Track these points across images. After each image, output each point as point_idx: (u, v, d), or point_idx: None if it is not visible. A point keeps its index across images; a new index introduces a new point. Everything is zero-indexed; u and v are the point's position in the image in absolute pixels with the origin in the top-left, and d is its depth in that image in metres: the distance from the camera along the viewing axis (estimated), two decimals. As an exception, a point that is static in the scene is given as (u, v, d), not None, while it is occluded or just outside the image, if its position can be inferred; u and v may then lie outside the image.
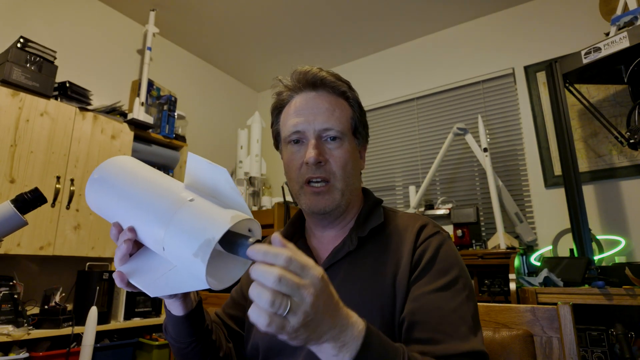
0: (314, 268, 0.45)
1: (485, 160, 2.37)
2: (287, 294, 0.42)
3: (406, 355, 0.52)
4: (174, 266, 0.51)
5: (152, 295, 0.51)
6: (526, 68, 2.61)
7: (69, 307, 2.03)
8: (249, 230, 0.53)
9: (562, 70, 2.02)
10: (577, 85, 2.20)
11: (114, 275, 0.55)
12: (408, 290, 0.67)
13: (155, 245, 0.52)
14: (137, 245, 0.56)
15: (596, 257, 2.04)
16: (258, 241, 0.46)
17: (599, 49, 1.86)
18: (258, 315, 0.42)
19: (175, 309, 0.66)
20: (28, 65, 1.96)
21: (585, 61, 1.91)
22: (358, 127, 0.78)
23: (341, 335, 0.47)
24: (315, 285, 0.44)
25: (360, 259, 0.72)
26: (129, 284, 0.55)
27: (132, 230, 0.53)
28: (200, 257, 0.45)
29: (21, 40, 1.98)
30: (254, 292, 0.42)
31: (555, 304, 0.84)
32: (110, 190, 0.57)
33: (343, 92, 0.78)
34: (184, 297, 0.65)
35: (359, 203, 0.80)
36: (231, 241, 0.47)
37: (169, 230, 0.49)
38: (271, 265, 0.42)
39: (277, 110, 0.81)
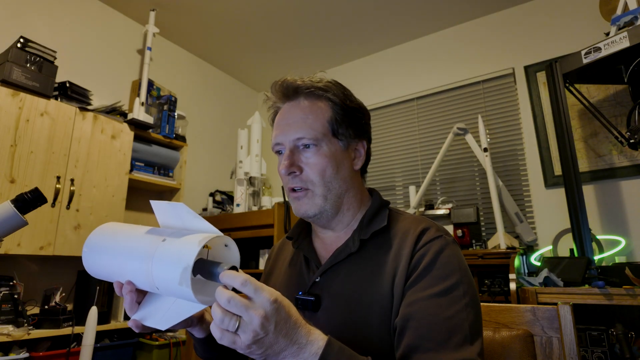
0: (268, 292, 0.49)
1: (486, 160, 2.37)
2: (237, 314, 0.48)
3: None
4: (175, 299, 0.58)
5: (163, 329, 0.57)
6: (526, 68, 2.61)
7: (69, 307, 2.04)
8: (225, 245, 0.61)
9: (562, 70, 2.02)
10: (577, 85, 2.20)
11: (129, 324, 0.61)
12: (404, 295, 0.65)
13: (151, 287, 0.58)
14: (142, 293, 0.62)
15: (596, 257, 2.04)
16: (234, 267, 0.53)
17: (599, 48, 1.86)
18: (214, 329, 0.49)
19: (197, 332, 0.72)
20: (28, 65, 1.96)
21: (585, 61, 1.91)
22: (338, 128, 0.75)
23: (300, 352, 0.51)
24: (265, 307, 0.49)
25: (361, 261, 0.72)
26: (143, 327, 0.60)
27: (129, 282, 0.60)
28: (184, 284, 0.51)
29: (21, 40, 1.98)
30: (212, 309, 0.49)
31: (556, 304, 0.84)
32: (101, 256, 0.65)
33: (320, 95, 0.76)
34: (200, 322, 0.71)
35: (358, 204, 0.78)
36: (207, 270, 0.54)
37: (153, 272, 0.56)
38: (225, 288, 0.49)
39: (272, 122, 0.83)
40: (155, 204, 0.62)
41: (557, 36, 2.53)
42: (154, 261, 0.55)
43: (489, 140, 2.60)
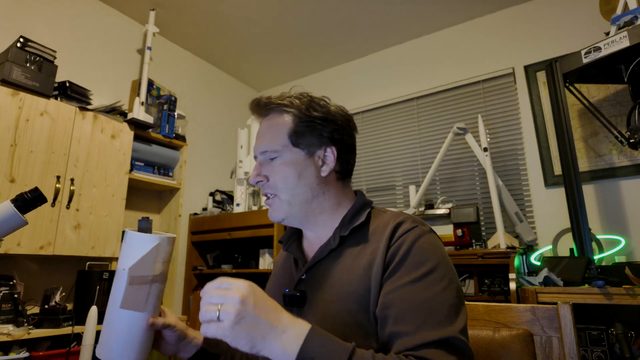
0: (241, 281, 0.57)
1: (485, 160, 2.37)
2: (218, 302, 0.54)
3: (353, 353, 0.55)
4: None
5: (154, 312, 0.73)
6: (526, 68, 2.61)
7: (69, 306, 2.03)
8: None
9: (562, 69, 2.02)
10: (577, 85, 2.20)
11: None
12: (381, 286, 0.68)
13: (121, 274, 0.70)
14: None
15: (596, 257, 2.04)
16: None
17: (599, 48, 1.86)
18: (203, 329, 0.55)
19: (185, 353, 0.83)
20: (28, 64, 1.96)
21: (585, 61, 1.91)
22: (297, 138, 0.79)
23: (284, 334, 0.54)
24: (241, 289, 0.55)
25: (341, 256, 0.76)
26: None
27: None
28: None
29: (21, 39, 1.98)
30: (200, 314, 0.56)
31: (555, 303, 0.84)
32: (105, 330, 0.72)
33: (282, 110, 0.81)
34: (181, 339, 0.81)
35: (334, 207, 0.81)
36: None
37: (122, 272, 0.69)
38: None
39: None
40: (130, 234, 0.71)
41: (557, 36, 2.53)
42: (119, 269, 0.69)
43: (488, 139, 2.60)
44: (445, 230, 2.60)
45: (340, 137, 0.81)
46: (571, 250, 1.99)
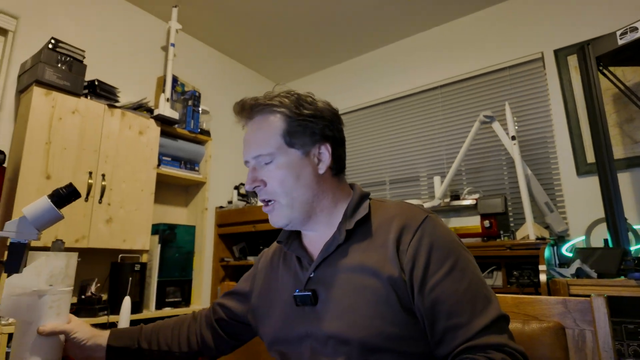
0: None
1: (514, 149, 2.31)
2: None
3: None
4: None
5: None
6: (556, 52, 2.51)
7: (104, 297, 2.12)
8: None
9: (596, 52, 1.93)
10: (611, 68, 2.09)
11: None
12: (412, 283, 0.69)
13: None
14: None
15: (632, 248, 1.96)
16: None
17: (636, 28, 1.76)
18: None
19: (99, 352, 0.87)
20: (59, 65, 2.03)
21: (620, 42, 1.82)
22: (291, 138, 0.77)
23: None
24: None
25: (350, 250, 0.75)
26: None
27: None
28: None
29: (52, 41, 2.05)
30: None
31: (589, 296, 0.81)
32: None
33: (271, 110, 0.79)
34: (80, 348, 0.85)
35: (333, 204, 0.80)
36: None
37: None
38: None
39: None
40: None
41: (590, 17, 2.41)
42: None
43: (517, 127, 2.52)
44: (472, 222, 2.56)
45: (332, 132, 0.80)
46: (605, 241, 1.92)
